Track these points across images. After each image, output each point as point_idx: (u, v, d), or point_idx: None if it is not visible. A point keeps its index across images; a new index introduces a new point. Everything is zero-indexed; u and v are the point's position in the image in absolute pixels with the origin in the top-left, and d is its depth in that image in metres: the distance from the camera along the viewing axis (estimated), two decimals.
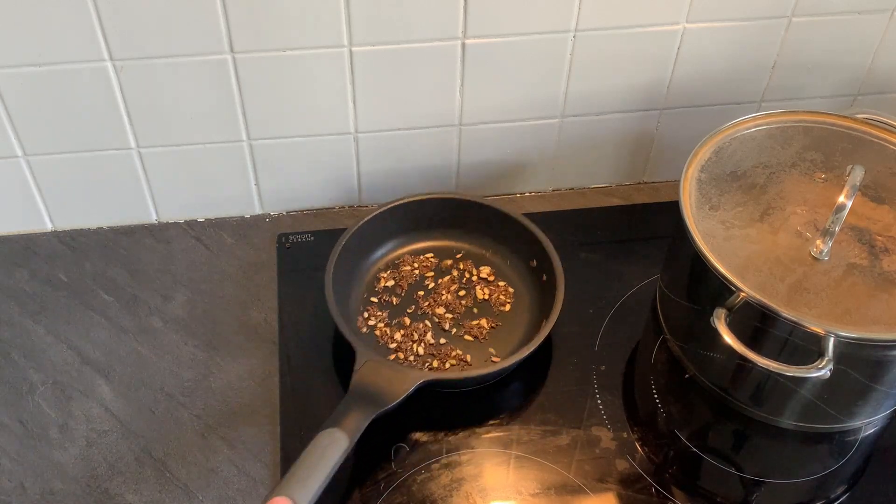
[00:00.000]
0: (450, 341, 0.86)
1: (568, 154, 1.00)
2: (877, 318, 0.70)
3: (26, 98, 0.85)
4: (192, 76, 0.86)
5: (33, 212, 0.95)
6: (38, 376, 0.84)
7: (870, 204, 0.78)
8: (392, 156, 0.97)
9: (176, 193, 0.96)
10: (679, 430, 0.82)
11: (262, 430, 0.81)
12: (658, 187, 1.05)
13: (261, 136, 0.92)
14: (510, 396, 0.84)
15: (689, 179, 0.80)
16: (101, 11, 0.80)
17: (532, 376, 0.85)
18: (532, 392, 0.84)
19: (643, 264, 0.94)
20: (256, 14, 0.82)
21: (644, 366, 0.87)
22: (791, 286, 0.72)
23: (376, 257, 0.93)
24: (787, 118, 0.85)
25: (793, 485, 0.79)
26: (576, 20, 0.87)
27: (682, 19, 0.89)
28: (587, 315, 0.90)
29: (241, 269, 0.94)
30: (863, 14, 0.91)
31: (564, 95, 0.94)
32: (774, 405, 0.79)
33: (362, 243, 0.90)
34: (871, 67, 0.97)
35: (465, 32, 0.87)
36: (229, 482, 0.77)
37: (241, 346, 0.87)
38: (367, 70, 0.88)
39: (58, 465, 0.78)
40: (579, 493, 0.76)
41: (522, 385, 0.84)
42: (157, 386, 0.84)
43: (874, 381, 0.75)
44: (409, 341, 0.86)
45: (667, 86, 0.95)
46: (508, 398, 0.83)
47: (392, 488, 0.76)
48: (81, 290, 0.91)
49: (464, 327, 0.87)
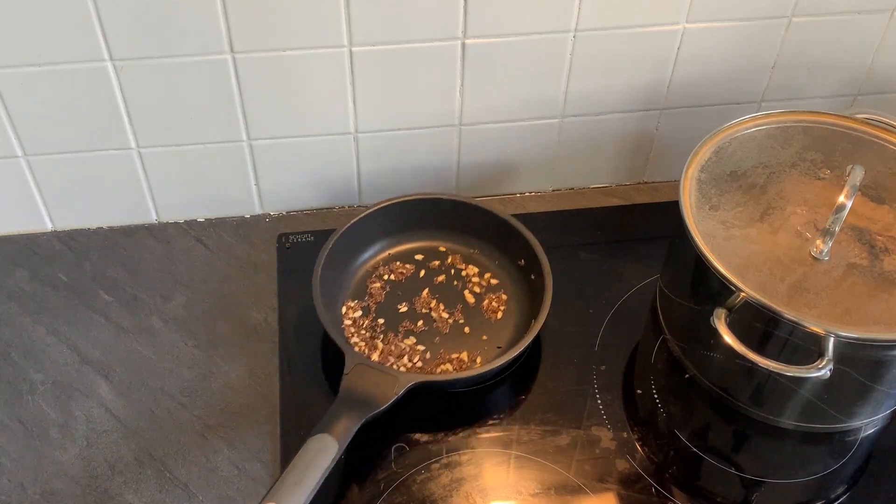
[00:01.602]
0: (441, 342, 0.86)
1: (568, 154, 1.00)
2: (877, 318, 0.70)
3: (26, 98, 0.85)
4: (192, 76, 0.86)
5: (33, 212, 0.95)
6: (38, 376, 0.84)
7: (870, 204, 0.78)
8: (392, 156, 0.97)
9: (176, 193, 0.96)
10: (679, 430, 0.82)
11: (262, 430, 0.81)
12: (658, 187, 1.05)
13: (261, 136, 0.92)
14: (510, 397, 0.84)
15: (689, 179, 0.80)
16: (101, 11, 0.80)
17: (532, 376, 0.85)
18: (532, 392, 0.84)
19: (643, 264, 0.94)
20: (256, 14, 0.82)
21: (644, 366, 0.87)
22: (791, 286, 0.72)
23: (364, 259, 0.92)
24: (787, 118, 0.85)
25: (793, 485, 0.79)
26: (576, 20, 0.87)
27: (682, 19, 0.89)
28: (587, 315, 0.90)
29: (241, 269, 0.94)
30: (863, 14, 0.91)
31: (564, 95, 0.94)
32: (774, 405, 0.79)
33: (350, 245, 0.90)
34: (871, 67, 0.97)
35: (465, 32, 0.87)
36: (229, 482, 0.77)
37: (241, 346, 0.87)
38: (366, 70, 0.88)
39: (58, 465, 0.78)
40: (579, 493, 0.76)
41: (522, 385, 0.84)
42: (157, 386, 0.84)
43: (874, 381, 0.75)
44: (399, 343, 0.85)
45: (667, 86, 0.95)
46: (508, 398, 0.83)
47: (392, 488, 0.76)
48: (81, 290, 0.91)
49: (455, 327, 0.87)
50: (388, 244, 0.93)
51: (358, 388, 0.76)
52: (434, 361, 0.84)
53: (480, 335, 0.87)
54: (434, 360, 0.84)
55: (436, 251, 0.94)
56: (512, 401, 0.83)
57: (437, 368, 0.84)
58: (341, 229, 0.88)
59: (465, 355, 0.85)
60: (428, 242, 0.94)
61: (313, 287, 0.83)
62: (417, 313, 0.88)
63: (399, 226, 0.93)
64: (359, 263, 0.92)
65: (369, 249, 0.92)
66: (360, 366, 0.78)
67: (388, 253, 0.93)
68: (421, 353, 0.85)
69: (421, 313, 0.88)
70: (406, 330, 0.87)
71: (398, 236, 0.93)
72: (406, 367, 0.83)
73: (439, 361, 0.84)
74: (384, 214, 0.91)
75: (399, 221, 0.92)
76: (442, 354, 0.85)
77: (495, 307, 0.89)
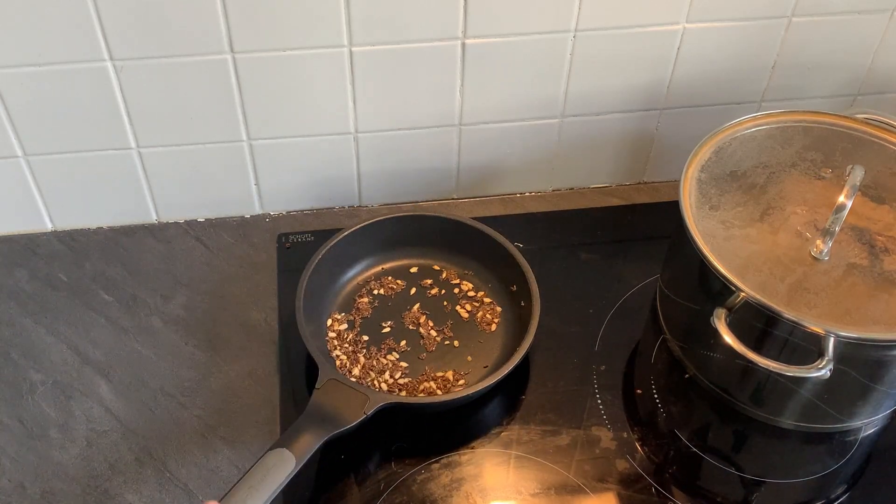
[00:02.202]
0: (427, 359, 0.85)
1: (568, 154, 1.00)
2: (877, 318, 0.70)
3: (26, 98, 0.85)
4: (192, 76, 0.86)
5: (33, 212, 0.95)
6: (38, 376, 0.84)
7: (870, 204, 0.78)
8: (392, 156, 0.97)
9: (176, 193, 0.96)
10: (679, 430, 0.82)
11: (262, 430, 0.81)
12: (658, 187, 1.05)
13: (261, 136, 0.92)
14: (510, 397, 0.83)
15: (689, 179, 0.80)
16: (101, 11, 0.80)
17: (532, 377, 0.85)
18: (532, 392, 0.83)
19: (643, 264, 0.94)
20: (256, 14, 0.82)
21: (644, 366, 0.87)
22: (791, 286, 0.72)
23: (355, 272, 0.91)
24: (787, 118, 0.85)
25: (793, 485, 0.79)
26: (576, 20, 0.87)
27: (682, 19, 0.89)
28: (587, 315, 0.90)
29: (241, 269, 0.94)
30: (863, 14, 0.91)
31: (564, 95, 0.94)
32: (774, 405, 0.79)
33: (341, 258, 0.88)
34: (871, 67, 0.97)
35: (465, 32, 0.87)
36: (229, 482, 0.77)
37: (241, 346, 0.87)
38: (366, 70, 0.88)
39: (58, 465, 0.78)
40: (579, 493, 0.76)
41: (522, 386, 0.84)
42: (157, 386, 0.84)
43: (874, 381, 0.75)
44: (381, 358, 0.84)
45: (667, 86, 0.95)
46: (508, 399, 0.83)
47: (392, 488, 0.76)
48: (81, 290, 0.91)
49: (442, 345, 0.85)
50: (380, 259, 0.92)
51: (326, 404, 0.74)
52: (417, 379, 0.83)
53: (466, 355, 0.85)
54: (417, 378, 0.83)
55: (429, 269, 0.92)
56: (512, 401, 0.83)
57: (419, 386, 0.82)
58: (331, 241, 0.87)
59: (450, 374, 0.83)
60: (421, 260, 0.92)
61: (297, 298, 0.82)
62: (405, 329, 0.87)
63: (393, 241, 0.91)
64: (349, 277, 0.90)
65: (361, 263, 0.91)
66: (333, 381, 0.76)
67: (381, 268, 0.92)
68: (403, 369, 0.83)
69: (408, 329, 0.87)
70: (389, 347, 0.85)
71: (391, 252, 0.92)
72: (387, 383, 0.82)
73: (422, 379, 0.82)
74: (378, 229, 0.89)
75: (394, 237, 0.91)
76: (426, 372, 0.83)
77: (489, 319, 0.87)
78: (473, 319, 0.88)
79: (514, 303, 0.88)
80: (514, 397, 0.83)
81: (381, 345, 0.85)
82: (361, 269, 0.91)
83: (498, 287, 0.90)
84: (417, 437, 0.80)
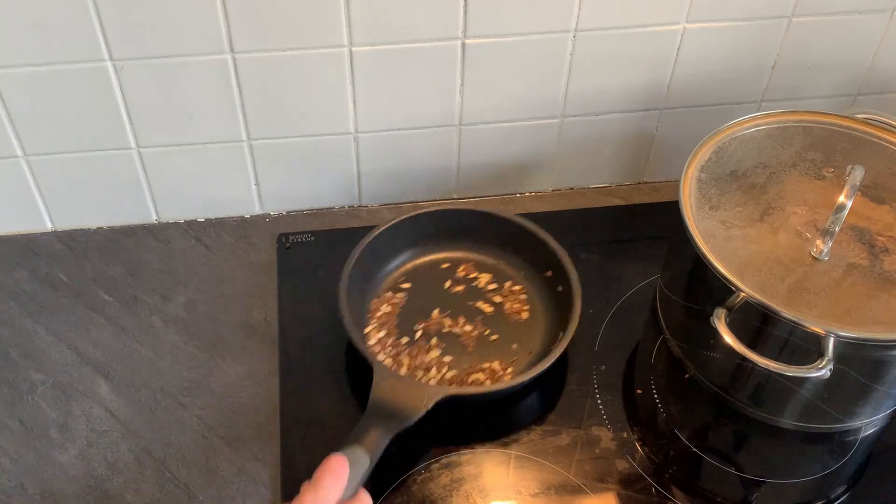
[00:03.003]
0: (469, 353, 0.85)
1: (568, 154, 1.00)
2: (877, 318, 0.70)
3: (26, 98, 0.85)
4: (192, 76, 0.86)
5: (33, 212, 0.95)
6: (38, 376, 0.84)
7: (870, 204, 0.78)
8: (392, 156, 0.97)
9: (176, 193, 0.96)
10: (679, 430, 0.82)
11: (262, 430, 0.81)
12: (658, 187, 1.05)
13: (261, 136, 0.92)
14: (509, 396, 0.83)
15: (689, 179, 0.80)
16: (101, 11, 0.80)
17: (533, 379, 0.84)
18: (532, 392, 0.83)
19: (643, 264, 0.94)
20: (256, 14, 0.82)
21: (644, 366, 0.87)
22: (791, 286, 0.72)
23: (389, 270, 0.91)
24: (787, 118, 0.85)
25: (793, 485, 0.79)
26: (576, 20, 0.87)
27: (682, 19, 0.89)
28: (587, 315, 0.89)
29: (241, 269, 0.94)
30: (863, 14, 0.91)
31: (564, 95, 0.94)
32: (774, 405, 0.79)
33: (374, 256, 0.88)
34: (871, 67, 0.97)
35: (465, 32, 0.87)
36: (229, 482, 0.77)
37: (241, 346, 0.87)
38: (367, 70, 0.88)
39: (58, 465, 0.78)
40: (579, 493, 0.76)
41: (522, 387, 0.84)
42: (157, 386, 0.84)
43: (874, 381, 0.75)
44: (423, 356, 0.84)
45: (667, 86, 0.95)
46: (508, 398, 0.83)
47: (392, 488, 0.76)
48: (81, 290, 0.91)
49: (480, 337, 0.86)
50: (410, 256, 0.92)
51: (387, 401, 0.74)
52: (464, 371, 0.83)
53: (510, 343, 0.85)
54: (464, 372, 0.83)
55: (462, 261, 0.92)
56: (512, 401, 0.83)
57: (467, 379, 0.82)
58: (366, 239, 0.87)
59: (496, 364, 0.83)
60: (453, 253, 0.93)
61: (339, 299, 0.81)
62: (437, 331, 0.86)
63: (421, 237, 0.91)
64: (383, 274, 0.90)
65: (393, 260, 0.91)
66: (389, 378, 0.76)
67: (412, 264, 0.92)
68: (448, 363, 0.83)
69: (441, 332, 0.86)
70: (429, 346, 0.85)
71: (420, 247, 0.92)
72: (435, 379, 0.82)
73: (469, 371, 0.83)
74: (404, 227, 0.90)
75: (421, 232, 0.91)
76: (473, 364, 0.83)
77: (517, 308, 0.88)
78: (502, 310, 0.88)
79: (549, 288, 0.88)
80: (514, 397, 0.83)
81: (418, 345, 0.85)
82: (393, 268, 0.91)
83: (532, 274, 0.90)
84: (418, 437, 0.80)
